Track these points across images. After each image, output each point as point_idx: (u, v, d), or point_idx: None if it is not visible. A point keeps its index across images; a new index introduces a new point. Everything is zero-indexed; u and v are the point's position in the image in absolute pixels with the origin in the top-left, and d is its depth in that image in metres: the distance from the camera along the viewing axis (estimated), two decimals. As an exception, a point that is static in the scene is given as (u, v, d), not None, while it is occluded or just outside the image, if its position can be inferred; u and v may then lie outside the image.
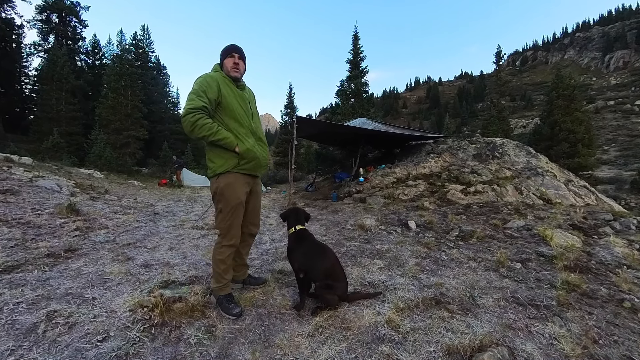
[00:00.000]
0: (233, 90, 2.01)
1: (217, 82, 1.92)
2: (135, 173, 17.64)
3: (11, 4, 22.19)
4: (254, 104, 2.23)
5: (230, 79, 2.02)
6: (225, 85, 1.97)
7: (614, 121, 49.54)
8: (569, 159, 17.53)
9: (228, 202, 1.93)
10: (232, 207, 1.94)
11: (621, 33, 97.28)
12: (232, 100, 1.97)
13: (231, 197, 1.93)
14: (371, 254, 3.13)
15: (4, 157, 8.33)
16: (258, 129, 2.11)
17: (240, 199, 1.96)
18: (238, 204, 1.95)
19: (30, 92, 24.56)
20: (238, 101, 2.01)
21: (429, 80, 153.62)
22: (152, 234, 3.98)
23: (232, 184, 1.93)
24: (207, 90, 1.87)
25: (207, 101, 1.85)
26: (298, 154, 24.03)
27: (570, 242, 3.19)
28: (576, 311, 1.94)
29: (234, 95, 2.00)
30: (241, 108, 2.01)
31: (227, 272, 2.03)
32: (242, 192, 1.98)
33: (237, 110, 1.98)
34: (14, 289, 2.07)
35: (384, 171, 7.93)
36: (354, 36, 18.02)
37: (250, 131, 2.02)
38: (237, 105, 1.99)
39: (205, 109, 1.84)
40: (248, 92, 2.19)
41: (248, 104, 2.09)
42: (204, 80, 1.91)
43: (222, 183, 1.93)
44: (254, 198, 2.18)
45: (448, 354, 1.53)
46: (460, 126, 61.39)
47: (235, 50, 2.05)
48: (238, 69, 2.04)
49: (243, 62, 2.09)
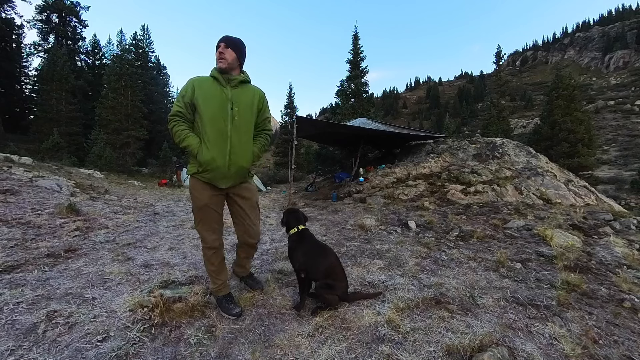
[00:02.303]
0: (215, 90, 1.85)
1: (192, 85, 1.85)
2: (135, 173, 17.64)
3: (11, 4, 22.23)
4: (251, 105, 1.95)
5: (221, 76, 1.88)
6: (204, 86, 1.85)
7: (614, 121, 49.52)
8: (569, 159, 17.54)
9: (194, 203, 1.93)
10: (198, 209, 1.92)
11: (621, 33, 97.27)
12: (208, 101, 1.82)
13: (195, 198, 1.91)
14: (371, 254, 3.13)
15: (4, 157, 8.33)
16: (242, 133, 1.89)
17: (203, 201, 1.89)
18: (203, 206, 1.90)
19: (30, 92, 24.56)
20: (216, 102, 1.84)
21: (429, 80, 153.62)
22: (152, 234, 3.98)
23: (196, 185, 1.91)
24: (184, 94, 1.84)
25: (182, 105, 1.83)
26: (298, 154, 24.03)
27: (570, 242, 3.19)
28: (576, 311, 1.94)
29: (212, 95, 1.84)
30: (219, 110, 1.82)
31: (220, 273, 2.01)
32: (206, 194, 1.89)
33: (210, 113, 1.81)
34: (14, 289, 2.07)
35: (384, 171, 7.93)
36: (353, 36, 18.02)
37: (221, 137, 1.81)
38: (214, 107, 1.82)
39: (180, 114, 1.83)
40: (246, 91, 1.95)
41: (231, 104, 1.85)
42: (185, 84, 1.89)
43: (190, 183, 1.94)
44: (238, 205, 2.03)
45: (448, 354, 1.53)
46: (460, 126, 61.30)
47: (220, 40, 1.91)
48: (223, 58, 1.86)
49: (232, 50, 1.88)
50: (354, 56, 17.99)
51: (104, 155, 15.55)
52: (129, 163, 18.47)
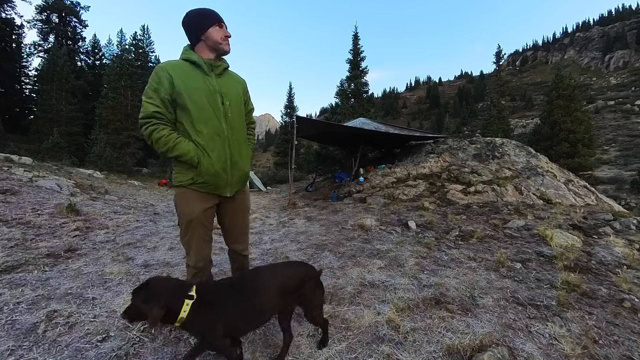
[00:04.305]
0: (198, 79, 1.50)
1: (167, 74, 1.44)
2: (135, 173, 17.66)
3: (11, 4, 22.23)
4: (240, 97, 1.68)
5: (203, 61, 1.53)
6: (183, 75, 1.47)
7: (614, 121, 49.55)
8: (569, 159, 17.55)
9: (182, 216, 1.59)
10: (187, 222, 1.57)
11: (621, 33, 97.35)
12: (194, 95, 1.47)
13: (183, 211, 1.58)
14: (371, 254, 3.13)
15: (4, 157, 8.33)
16: (237, 132, 1.61)
17: (194, 213, 1.55)
18: (193, 220, 1.56)
19: (30, 92, 24.58)
20: (204, 95, 1.49)
21: (429, 80, 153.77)
22: (152, 234, 3.98)
23: (186, 196, 1.56)
24: (157, 87, 1.43)
25: (159, 103, 1.43)
26: (298, 154, 24.02)
27: (570, 242, 3.19)
28: (576, 311, 1.94)
29: (198, 87, 1.49)
30: (210, 105, 1.50)
31: None
32: (198, 207, 1.56)
33: (201, 109, 1.48)
34: (14, 289, 2.07)
35: (384, 171, 7.93)
36: (353, 36, 18.05)
37: (220, 138, 1.53)
38: (204, 102, 1.49)
39: (159, 115, 1.44)
40: (232, 81, 1.65)
41: (221, 97, 1.54)
42: (154, 74, 1.46)
43: (177, 194, 1.61)
44: (231, 214, 1.74)
45: (448, 354, 1.53)
46: (460, 126, 61.33)
47: (220, 17, 1.57)
48: (229, 42, 1.60)
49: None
50: (354, 56, 18.02)
51: (104, 155, 15.56)
52: (129, 163, 18.49)
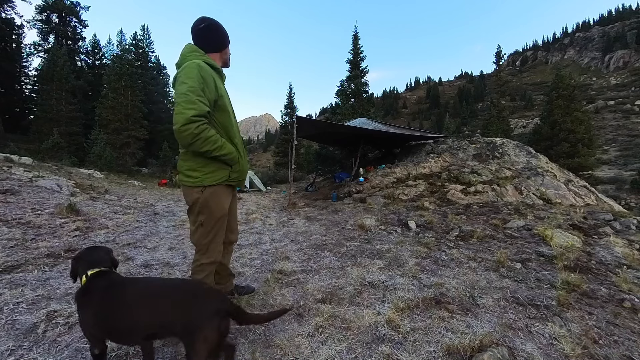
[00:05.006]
0: (223, 85, 1.71)
1: (212, 77, 1.54)
2: (135, 173, 17.67)
3: (11, 4, 22.25)
4: None
5: (221, 69, 1.73)
6: (219, 80, 1.66)
7: (614, 121, 49.56)
8: (569, 159, 17.57)
9: (212, 215, 1.64)
10: (216, 220, 1.67)
11: (621, 33, 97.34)
12: (227, 98, 1.69)
13: (217, 208, 1.65)
14: (371, 254, 3.13)
15: (4, 157, 8.33)
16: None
17: (226, 209, 1.72)
18: (223, 216, 1.70)
19: (30, 92, 24.59)
20: (228, 99, 1.72)
21: (429, 80, 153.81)
22: (152, 234, 3.98)
23: (219, 194, 1.66)
24: (203, 87, 1.46)
25: (208, 103, 1.49)
26: (298, 154, 24.03)
27: (570, 242, 3.19)
28: (576, 311, 1.94)
29: (226, 92, 1.71)
30: (231, 108, 1.73)
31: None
32: (227, 202, 1.73)
33: (230, 113, 1.69)
34: (14, 289, 2.07)
35: (384, 171, 7.93)
36: (353, 36, 18.06)
37: (241, 138, 1.78)
38: (229, 105, 1.71)
39: (208, 115, 1.50)
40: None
41: (229, 100, 1.77)
42: (197, 73, 1.46)
43: (208, 193, 1.62)
44: (233, 205, 1.92)
45: (448, 354, 1.53)
46: (460, 126, 61.32)
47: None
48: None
49: None
50: (354, 56, 18.03)
51: (104, 155, 15.57)
52: (129, 163, 18.51)
